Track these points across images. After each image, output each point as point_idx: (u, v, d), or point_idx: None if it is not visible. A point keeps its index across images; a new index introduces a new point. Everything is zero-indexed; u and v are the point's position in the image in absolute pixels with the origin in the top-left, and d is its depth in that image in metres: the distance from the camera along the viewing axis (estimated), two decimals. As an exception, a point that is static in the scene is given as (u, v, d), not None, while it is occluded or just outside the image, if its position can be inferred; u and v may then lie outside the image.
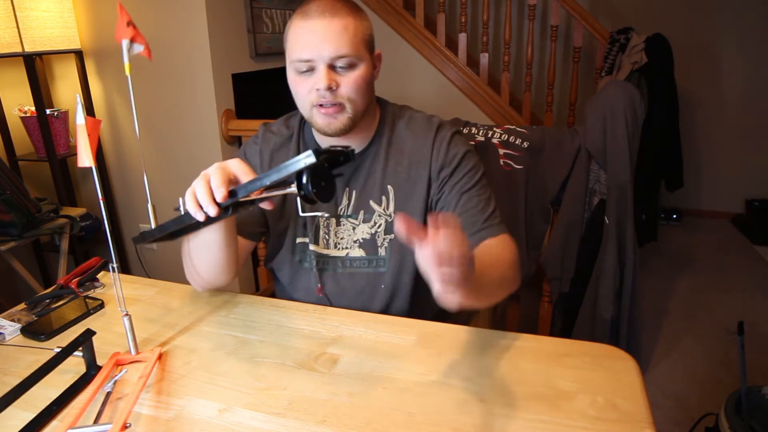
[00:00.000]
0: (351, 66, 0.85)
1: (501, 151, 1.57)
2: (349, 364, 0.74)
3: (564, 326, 1.85)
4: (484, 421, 0.62)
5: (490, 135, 1.57)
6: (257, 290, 2.31)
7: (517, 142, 1.57)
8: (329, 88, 0.83)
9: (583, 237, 1.69)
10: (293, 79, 0.88)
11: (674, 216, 3.49)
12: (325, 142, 0.95)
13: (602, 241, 1.66)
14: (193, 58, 2.07)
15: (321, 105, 0.85)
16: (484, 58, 2.75)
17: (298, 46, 0.84)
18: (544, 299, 1.85)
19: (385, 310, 0.97)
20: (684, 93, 3.08)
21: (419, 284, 0.96)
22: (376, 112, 0.97)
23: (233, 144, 2.18)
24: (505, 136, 1.57)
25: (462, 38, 2.72)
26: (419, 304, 0.99)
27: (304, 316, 0.88)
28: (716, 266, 2.87)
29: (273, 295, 1.09)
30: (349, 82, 0.85)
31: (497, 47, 3.41)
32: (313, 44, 0.82)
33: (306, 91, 0.86)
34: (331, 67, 0.84)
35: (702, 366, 1.99)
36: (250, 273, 2.37)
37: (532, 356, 0.74)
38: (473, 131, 1.58)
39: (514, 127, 1.59)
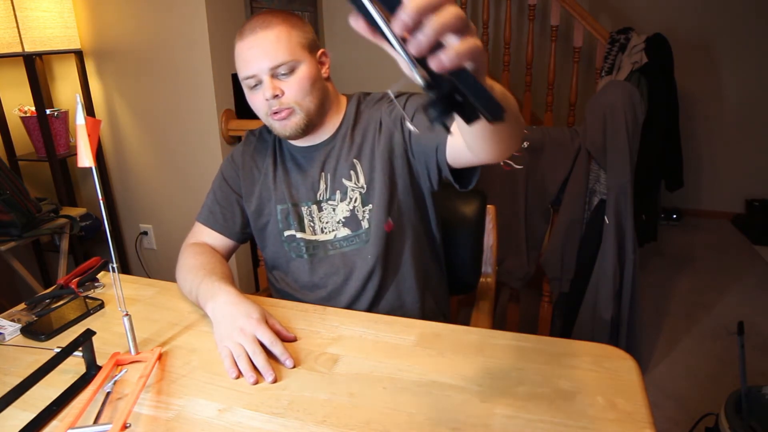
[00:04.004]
0: (292, 70, 0.91)
1: (501, 151, 1.57)
2: (349, 364, 0.74)
3: (564, 326, 1.86)
4: (484, 421, 0.62)
5: (490, 135, 1.57)
6: (257, 290, 2.31)
7: (517, 142, 1.57)
8: (275, 96, 0.90)
9: (583, 237, 1.69)
10: (248, 96, 0.95)
11: (674, 216, 3.49)
12: (298, 142, 1.02)
13: (602, 241, 1.66)
14: (193, 58, 2.07)
15: (275, 112, 0.92)
16: (484, 58, 2.74)
17: (242, 65, 0.91)
18: (544, 299, 1.85)
19: (371, 279, 0.99)
20: (684, 93, 3.08)
21: (399, 244, 1.00)
22: (340, 103, 1.03)
23: (233, 144, 2.18)
24: (505, 136, 1.57)
25: (462, 38, 2.71)
26: (405, 270, 1.01)
27: (304, 316, 0.88)
28: (716, 266, 2.87)
29: (272, 296, 1.09)
30: (292, 86, 0.91)
31: (497, 47, 3.41)
32: (252, 60, 0.90)
33: (260, 104, 0.93)
34: (274, 76, 0.91)
35: (702, 366, 1.99)
36: (250, 273, 2.38)
37: (532, 356, 0.74)
38: (473, 131, 1.58)
39: (514, 127, 1.59)
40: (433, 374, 0.71)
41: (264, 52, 0.89)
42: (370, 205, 0.97)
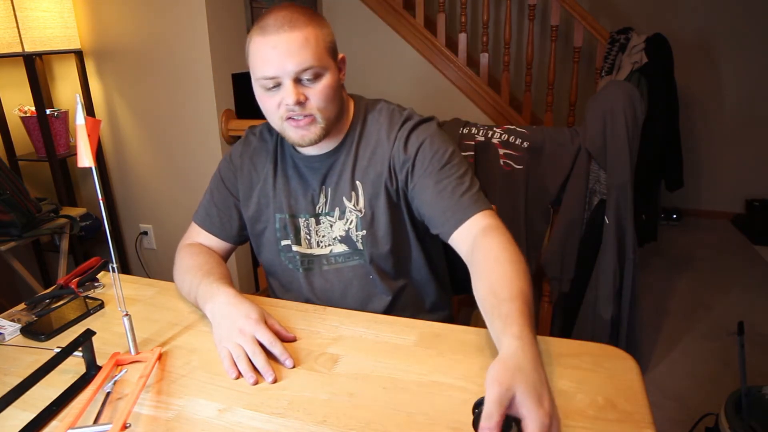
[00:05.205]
0: (317, 76, 0.84)
1: (501, 151, 1.57)
2: (349, 364, 0.74)
3: (564, 326, 1.86)
4: (484, 421, 0.62)
5: (490, 135, 1.57)
6: (257, 290, 2.31)
7: (517, 142, 1.57)
8: (298, 103, 0.84)
9: (583, 237, 1.69)
10: (261, 96, 0.88)
11: (674, 216, 3.49)
12: (301, 150, 0.97)
13: (602, 241, 1.66)
14: (193, 58, 2.07)
15: (292, 118, 0.86)
16: (484, 58, 2.75)
17: (261, 63, 0.83)
18: (544, 299, 1.85)
19: (378, 302, 0.98)
20: (684, 93, 3.08)
21: (403, 275, 0.99)
22: (349, 110, 0.97)
23: (233, 144, 2.18)
24: (505, 136, 1.57)
25: (462, 38, 2.72)
26: (410, 294, 1.01)
27: (304, 316, 0.88)
28: (716, 266, 2.87)
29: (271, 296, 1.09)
30: (317, 94, 0.85)
31: (497, 47, 3.41)
32: (276, 61, 0.82)
33: (275, 107, 0.86)
34: (297, 81, 0.84)
35: (702, 366, 1.99)
36: (250, 273, 2.38)
37: (532, 356, 0.74)
38: (473, 131, 1.58)
39: (514, 127, 1.59)
40: (433, 374, 0.71)
41: (290, 53, 0.81)
42: (364, 231, 0.95)
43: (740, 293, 2.55)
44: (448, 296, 1.12)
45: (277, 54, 0.82)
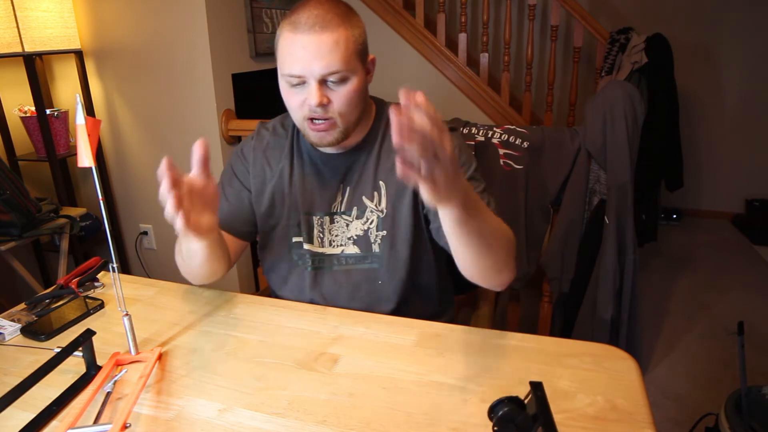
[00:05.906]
0: (343, 80, 0.84)
1: (501, 151, 1.57)
2: (349, 364, 0.74)
3: (564, 326, 1.85)
4: (484, 422, 0.62)
5: (490, 135, 1.57)
6: (257, 290, 2.31)
7: (517, 142, 1.57)
8: (321, 105, 0.83)
9: (583, 237, 1.69)
10: (285, 91, 0.87)
11: (674, 216, 3.49)
12: (320, 148, 0.95)
13: (602, 241, 1.66)
14: (193, 58, 2.07)
15: (313, 119, 0.85)
16: (484, 58, 2.75)
17: (288, 60, 0.83)
18: (544, 299, 1.85)
19: (384, 307, 0.97)
20: (684, 93, 3.08)
21: (414, 280, 0.98)
22: (371, 111, 0.97)
23: (233, 144, 2.18)
24: (505, 136, 1.57)
25: (462, 38, 2.72)
26: (416, 299, 1.00)
27: (304, 316, 0.88)
28: (716, 266, 2.86)
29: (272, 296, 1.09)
30: (341, 98, 0.84)
31: (497, 47, 3.41)
32: (303, 60, 0.81)
33: (298, 105, 0.86)
34: (323, 82, 0.83)
35: (702, 366, 1.99)
36: (250, 273, 2.37)
37: (532, 356, 0.74)
38: (473, 131, 1.58)
39: (514, 127, 1.59)
40: (433, 374, 0.71)
41: (319, 55, 0.81)
42: (384, 232, 0.94)
43: (740, 293, 2.55)
44: (450, 301, 1.12)
45: (305, 54, 0.81)
